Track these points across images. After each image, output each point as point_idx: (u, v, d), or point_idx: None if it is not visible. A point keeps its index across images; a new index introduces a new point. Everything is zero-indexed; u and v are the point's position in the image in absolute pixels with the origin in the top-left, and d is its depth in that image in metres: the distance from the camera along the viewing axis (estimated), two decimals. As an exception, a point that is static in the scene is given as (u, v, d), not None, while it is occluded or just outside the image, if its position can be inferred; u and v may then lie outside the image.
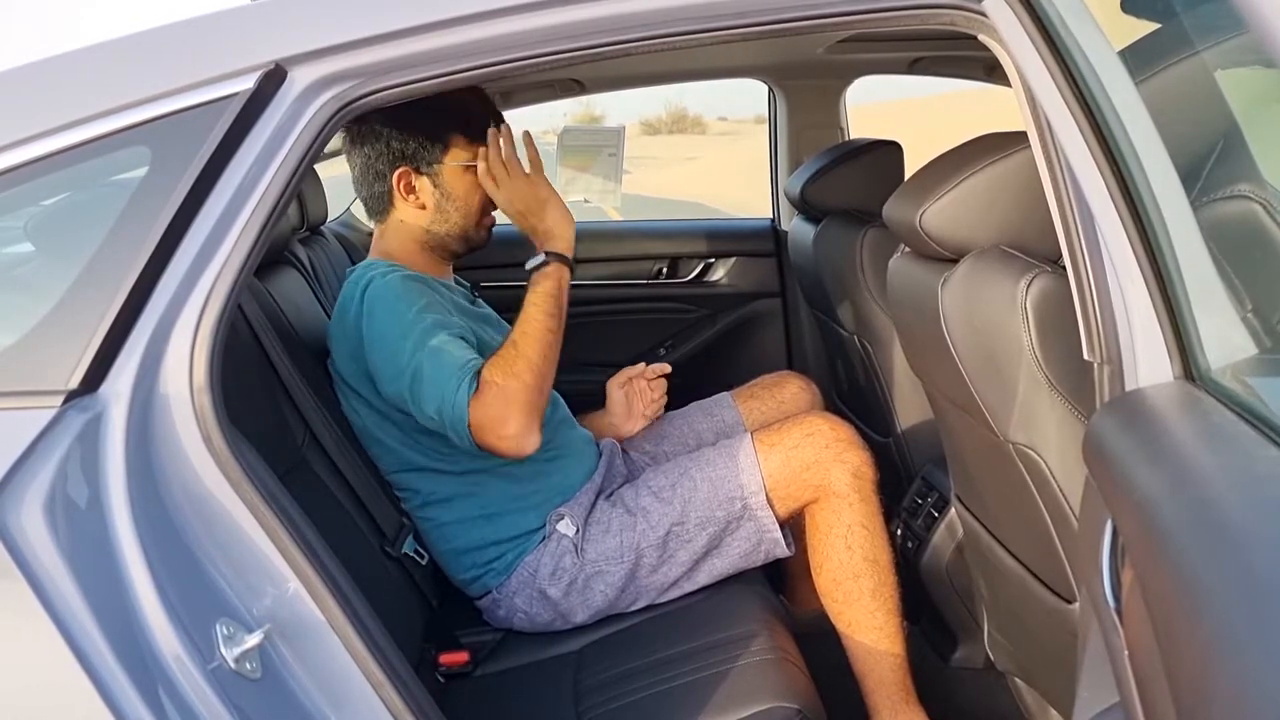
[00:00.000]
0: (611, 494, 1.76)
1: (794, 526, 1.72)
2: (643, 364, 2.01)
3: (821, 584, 1.67)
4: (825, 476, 1.63)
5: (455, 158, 1.69)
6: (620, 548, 1.64)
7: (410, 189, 1.70)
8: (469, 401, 1.48)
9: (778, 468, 1.63)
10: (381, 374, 1.59)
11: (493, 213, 1.76)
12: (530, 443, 1.51)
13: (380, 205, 1.74)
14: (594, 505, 1.72)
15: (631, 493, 1.71)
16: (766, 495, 1.63)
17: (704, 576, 1.68)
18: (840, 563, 1.63)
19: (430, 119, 1.65)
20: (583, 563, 1.65)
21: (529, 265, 1.63)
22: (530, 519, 1.68)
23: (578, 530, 1.67)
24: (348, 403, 1.70)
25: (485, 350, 1.60)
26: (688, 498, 1.64)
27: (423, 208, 1.71)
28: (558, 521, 1.68)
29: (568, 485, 1.72)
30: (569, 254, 1.66)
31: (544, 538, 1.68)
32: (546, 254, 1.64)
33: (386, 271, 1.64)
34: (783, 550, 1.68)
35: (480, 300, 1.91)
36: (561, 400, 1.86)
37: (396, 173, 1.69)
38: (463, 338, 1.58)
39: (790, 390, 2.01)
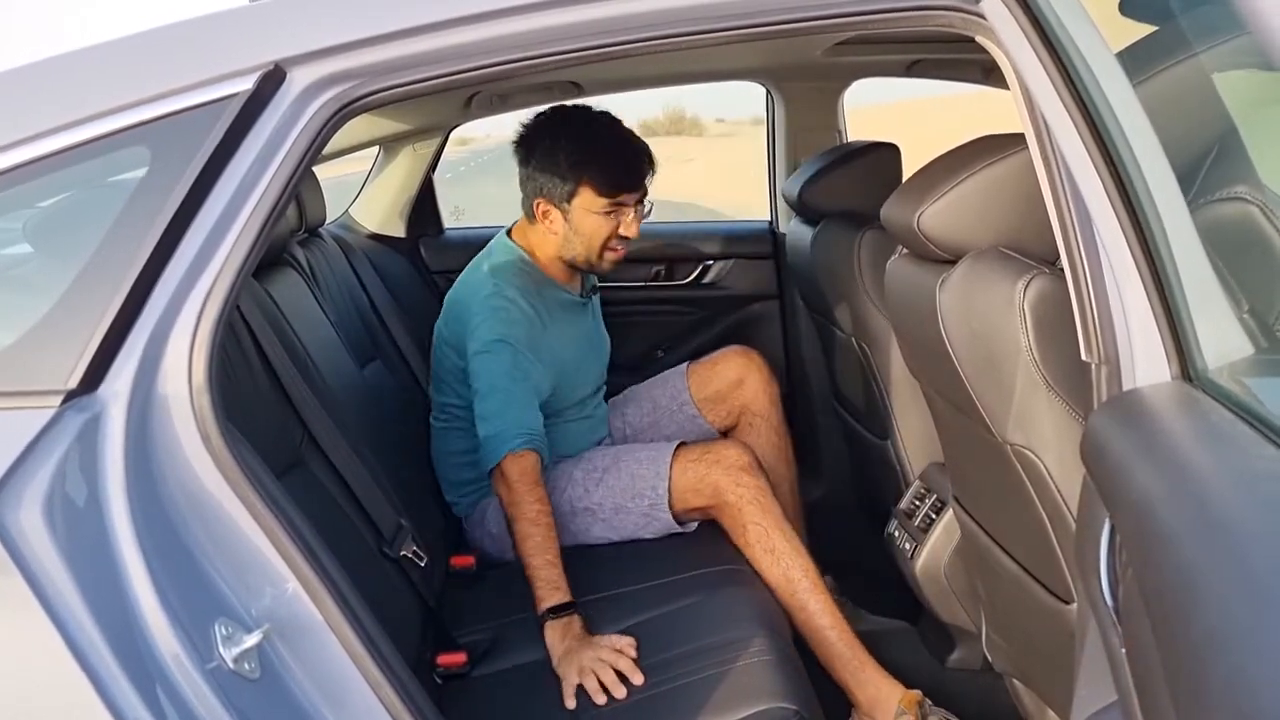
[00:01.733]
0: (560, 460, 2.04)
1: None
2: None
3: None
4: (719, 493, 1.89)
5: (586, 203, 1.93)
6: (555, 504, 1.91)
7: (545, 216, 1.98)
8: (510, 452, 1.82)
9: (685, 487, 1.91)
10: (468, 366, 1.92)
11: (620, 249, 2.00)
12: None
13: (529, 212, 2.02)
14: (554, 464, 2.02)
15: (573, 464, 2.02)
16: (669, 499, 1.91)
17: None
18: (749, 558, 1.87)
19: (566, 164, 1.92)
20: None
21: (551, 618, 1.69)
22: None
23: None
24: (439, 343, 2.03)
25: (552, 369, 1.96)
26: (611, 485, 1.95)
27: (554, 234, 1.98)
28: None
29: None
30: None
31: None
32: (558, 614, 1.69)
33: (514, 273, 1.96)
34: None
35: (593, 306, 2.23)
36: (592, 396, 2.17)
37: (536, 201, 1.97)
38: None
39: (730, 358, 2.27)
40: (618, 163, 1.94)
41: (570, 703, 1.51)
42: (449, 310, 2.03)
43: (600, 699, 1.50)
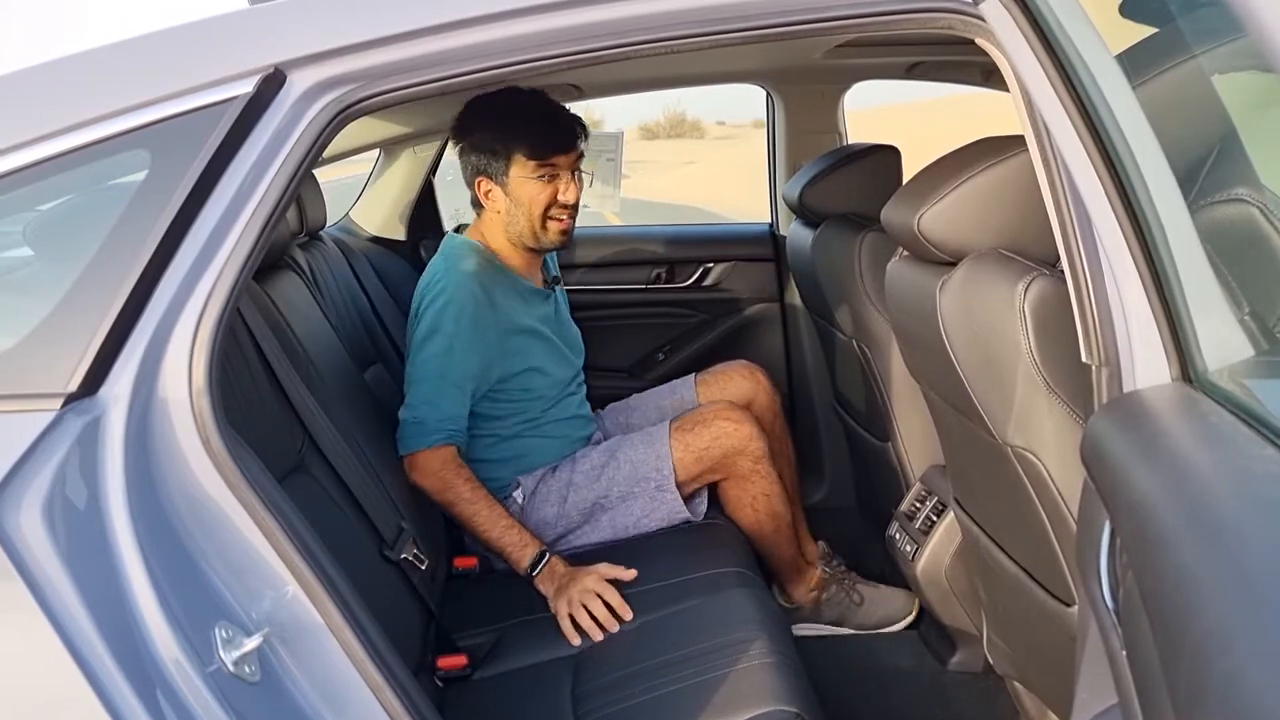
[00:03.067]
0: (563, 463, 2.07)
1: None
2: None
3: (745, 532, 2.09)
4: (730, 468, 2.01)
5: (520, 171, 1.95)
6: (558, 517, 1.99)
7: (488, 195, 2.01)
8: (427, 446, 1.88)
9: (689, 461, 1.98)
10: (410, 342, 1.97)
11: (564, 218, 2.00)
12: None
13: (474, 200, 2.06)
14: (543, 478, 2.03)
15: (569, 468, 2.03)
16: (676, 479, 1.97)
17: (621, 530, 2.02)
18: (751, 521, 2.06)
19: (495, 137, 1.95)
20: (524, 525, 1.94)
21: (535, 572, 1.84)
22: (499, 473, 2.03)
23: (525, 499, 2.01)
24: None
25: (508, 354, 1.98)
26: (613, 476, 1.99)
27: (498, 212, 2.01)
28: (514, 489, 2.03)
29: (532, 461, 2.06)
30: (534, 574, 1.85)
31: (504, 497, 2.00)
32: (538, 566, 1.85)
33: (472, 263, 1.97)
34: (687, 516, 2.02)
35: (557, 298, 2.20)
36: (573, 393, 2.18)
37: (476, 181, 2.01)
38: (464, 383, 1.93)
39: (737, 378, 2.29)
40: (544, 127, 1.97)
41: (574, 640, 1.67)
42: (412, 313, 2.04)
43: (597, 635, 1.66)
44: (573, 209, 2.00)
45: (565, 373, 2.13)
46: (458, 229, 2.13)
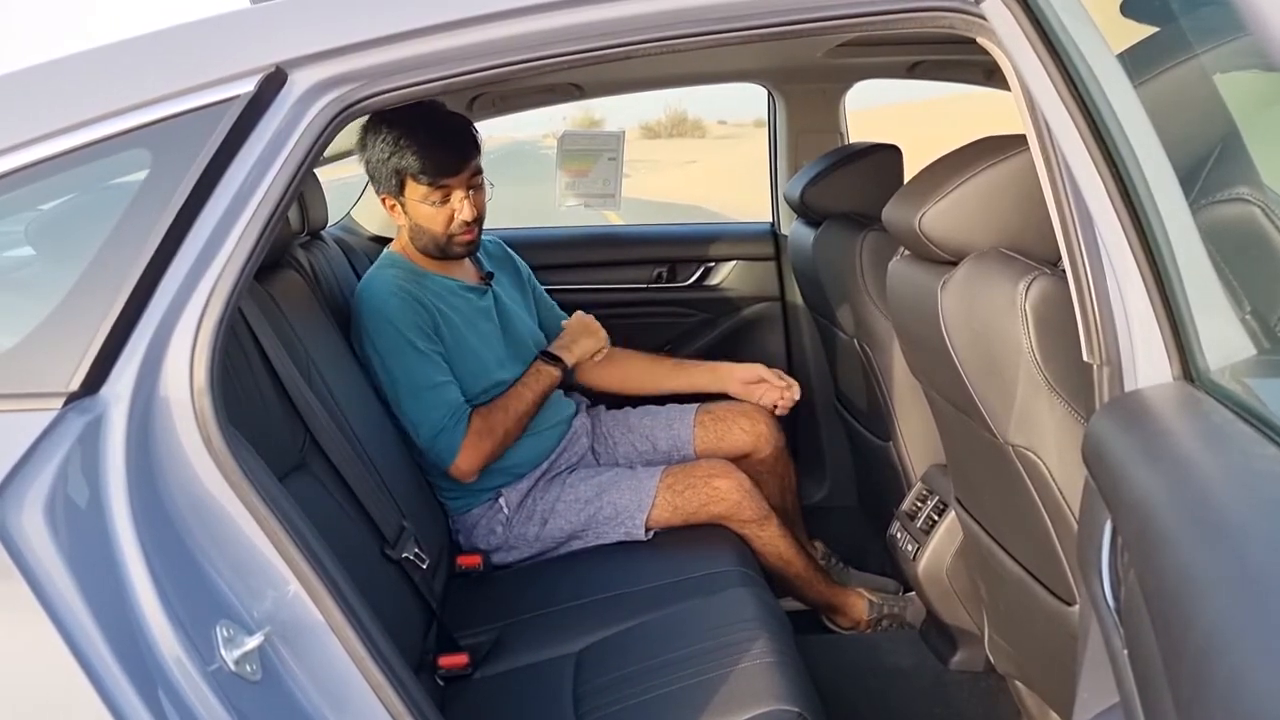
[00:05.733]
0: (554, 476, 2.10)
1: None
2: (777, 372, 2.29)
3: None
4: (715, 519, 2.04)
5: (413, 194, 1.96)
6: (537, 538, 2.03)
7: (393, 210, 2.03)
8: (460, 441, 1.93)
9: (676, 520, 2.02)
10: (375, 374, 1.96)
11: (465, 233, 2.00)
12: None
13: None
14: (531, 490, 2.06)
15: (557, 489, 2.06)
16: (647, 520, 2.01)
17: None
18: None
19: (389, 160, 1.94)
20: (508, 535, 2.03)
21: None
22: (478, 483, 2.03)
23: (510, 511, 2.04)
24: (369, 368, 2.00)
25: (457, 356, 1.99)
26: (593, 515, 2.02)
27: (404, 226, 2.04)
28: (499, 497, 2.05)
29: (516, 465, 2.06)
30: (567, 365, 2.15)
31: (489, 500, 2.05)
32: (554, 356, 2.13)
33: (386, 278, 1.99)
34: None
35: (496, 293, 2.16)
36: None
37: (381, 198, 2.03)
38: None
39: (738, 427, 2.25)
40: (430, 151, 1.92)
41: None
42: (353, 326, 2.04)
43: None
44: (474, 223, 1.99)
45: (517, 369, 2.09)
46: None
